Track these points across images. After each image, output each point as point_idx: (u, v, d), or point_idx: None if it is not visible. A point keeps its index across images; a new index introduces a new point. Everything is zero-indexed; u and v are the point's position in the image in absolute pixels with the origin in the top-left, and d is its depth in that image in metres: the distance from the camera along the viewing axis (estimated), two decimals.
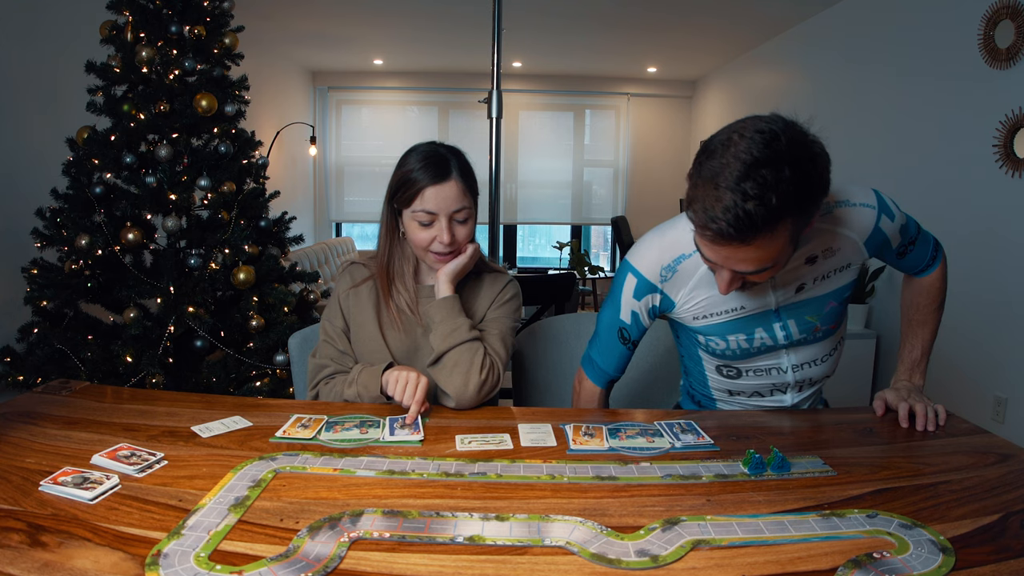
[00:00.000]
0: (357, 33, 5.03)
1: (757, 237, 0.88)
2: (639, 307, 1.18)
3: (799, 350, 1.19)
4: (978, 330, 2.84)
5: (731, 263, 0.95)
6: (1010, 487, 0.88)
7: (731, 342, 1.16)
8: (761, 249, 0.90)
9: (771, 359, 1.19)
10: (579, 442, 1.02)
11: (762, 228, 0.86)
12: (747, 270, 0.95)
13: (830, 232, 1.09)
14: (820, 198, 0.91)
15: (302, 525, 0.75)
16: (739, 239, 0.88)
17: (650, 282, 1.15)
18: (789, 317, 1.14)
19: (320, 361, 1.30)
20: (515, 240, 6.92)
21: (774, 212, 0.85)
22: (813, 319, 1.14)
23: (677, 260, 1.13)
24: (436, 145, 1.25)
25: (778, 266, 0.97)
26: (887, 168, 3.46)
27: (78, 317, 2.33)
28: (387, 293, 1.28)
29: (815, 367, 1.22)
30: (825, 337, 1.19)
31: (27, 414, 1.07)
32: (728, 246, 0.91)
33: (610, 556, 0.70)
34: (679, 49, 5.34)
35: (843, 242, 1.10)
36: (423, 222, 1.20)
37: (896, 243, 1.17)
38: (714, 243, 0.92)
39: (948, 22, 2.99)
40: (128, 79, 2.32)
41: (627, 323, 1.20)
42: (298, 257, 4.66)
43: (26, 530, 0.71)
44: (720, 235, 0.88)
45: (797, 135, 0.90)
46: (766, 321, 1.14)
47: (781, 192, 0.84)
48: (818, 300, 1.13)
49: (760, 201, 0.84)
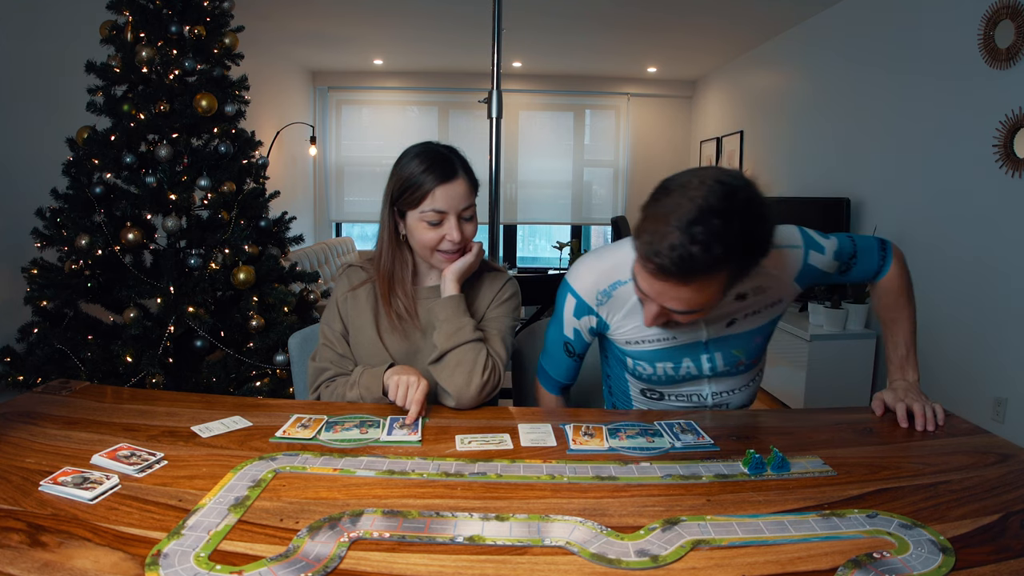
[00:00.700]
0: (357, 33, 5.03)
1: (695, 280, 0.91)
2: (579, 325, 1.24)
3: (721, 380, 1.25)
4: (978, 330, 2.84)
5: (663, 299, 0.98)
6: (1010, 487, 0.88)
7: (658, 368, 1.21)
8: (695, 292, 0.94)
9: (693, 387, 1.25)
10: (579, 442, 1.02)
11: (701, 272, 0.90)
12: (676, 309, 0.98)
13: (760, 273, 1.09)
14: (760, 258, 0.95)
15: (302, 525, 0.75)
16: (677, 278, 0.91)
17: (587, 304, 1.20)
18: (717, 350, 1.19)
19: (320, 364, 1.30)
20: (515, 240, 6.91)
21: (716, 260, 0.89)
22: (739, 353, 1.20)
23: (613, 286, 1.17)
24: (434, 145, 1.25)
25: (705, 312, 1.01)
26: (887, 168, 3.46)
27: (78, 317, 2.33)
28: (387, 300, 1.27)
29: (733, 395, 1.27)
30: (747, 369, 1.25)
31: (27, 414, 1.07)
32: (665, 282, 0.94)
33: (610, 556, 0.70)
34: (679, 49, 5.34)
35: (772, 281, 1.15)
36: (432, 222, 1.20)
37: (834, 269, 1.21)
38: (653, 276, 0.95)
39: (948, 22, 2.99)
40: (128, 79, 2.32)
41: (570, 338, 1.26)
42: (298, 257, 4.66)
43: (26, 530, 0.71)
44: (660, 270, 0.91)
45: (754, 195, 0.92)
46: (694, 352, 1.19)
47: (726, 244, 0.88)
48: (747, 335, 1.19)
49: (705, 247, 0.87)
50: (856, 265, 1.23)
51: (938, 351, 3.08)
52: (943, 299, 3.04)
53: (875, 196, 3.56)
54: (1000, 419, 2.70)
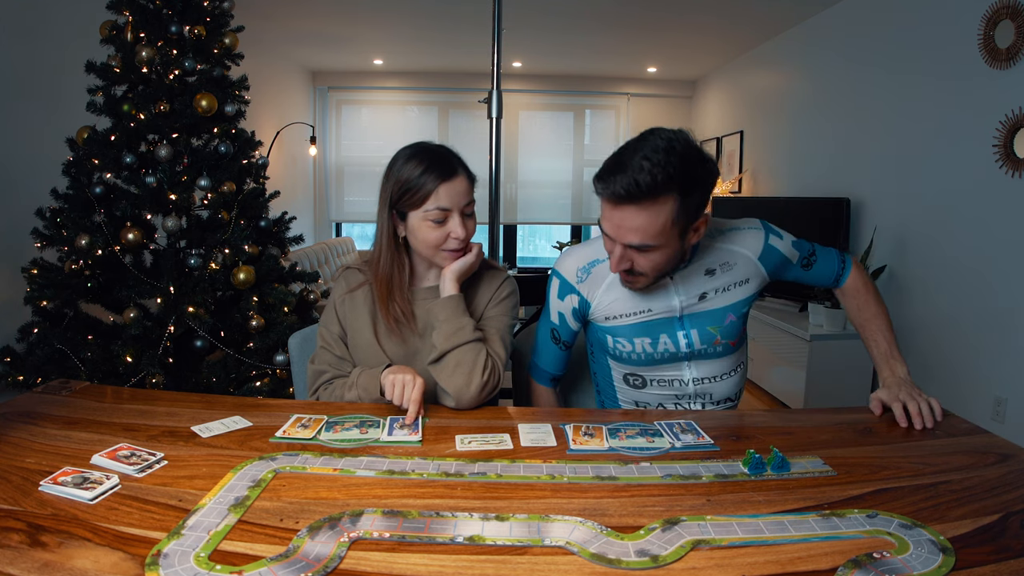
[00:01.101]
0: (357, 33, 5.03)
1: (644, 202, 1.05)
2: (563, 307, 1.33)
3: (700, 364, 1.30)
4: (978, 330, 2.84)
5: (622, 234, 1.10)
6: (1010, 487, 0.88)
7: (637, 345, 1.28)
8: (648, 218, 1.06)
9: (673, 370, 1.30)
10: (579, 442, 1.02)
11: (647, 194, 1.04)
12: (634, 242, 1.09)
13: (725, 250, 1.27)
14: (698, 193, 1.08)
15: (302, 525, 0.75)
16: (628, 201, 1.05)
17: (569, 283, 1.31)
18: (692, 326, 1.26)
19: (318, 367, 1.30)
20: (515, 240, 6.91)
21: (659, 185, 1.03)
22: (714, 330, 1.27)
23: (592, 263, 1.29)
24: (427, 145, 1.25)
25: (663, 250, 1.12)
26: (887, 168, 3.46)
27: (78, 317, 2.33)
28: (385, 304, 1.26)
29: (715, 383, 1.32)
30: (725, 353, 1.30)
31: (27, 414, 1.07)
32: (621, 210, 1.07)
33: (610, 556, 0.70)
34: (679, 49, 5.34)
35: (738, 258, 1.27)
36: (437, 220, 1.20)
37: (796, 259, 1.32)
38: (610, 207, 1.09)
39: (948, 22, 2.99)
40: (128, 79, 2.32)
41: (556, 324, 1.35)
42: (298, 257, 4.66)
43: (26, 530, 0.71)
44: (615, 197, 1.06)
45: (693, 146, 1.08)
46: (670, 328, 1.27)
47: (667, 173, 1.03)
48: (719, 312, 1.27)
49: (649, 173, 1.03)
50: (817, 263, 1.34)
51: (938, 351, 3.08)
52: (943, 299, 3.04)
53: (875, 196, 3.56)
54: (1000, 419, 2.70)
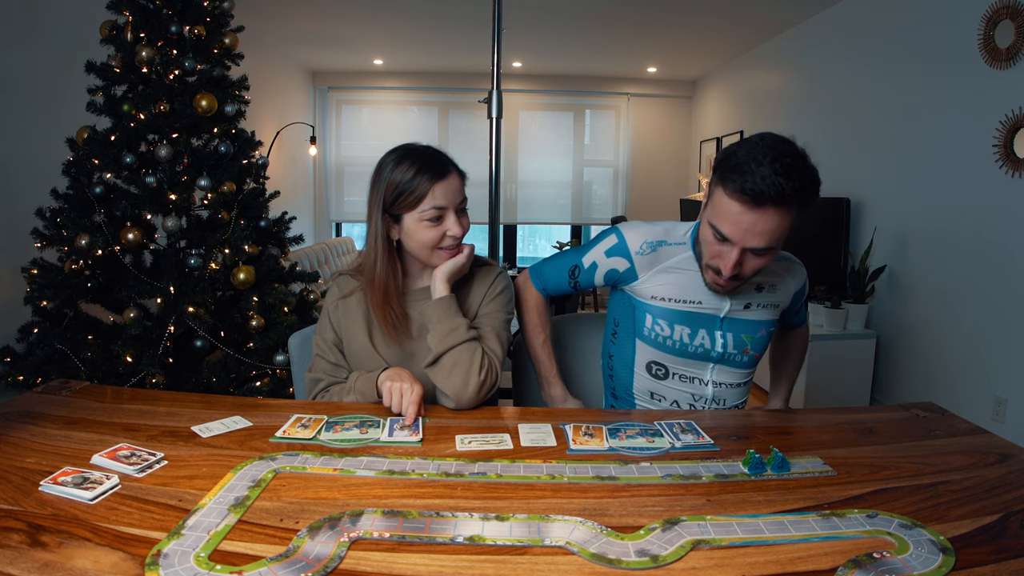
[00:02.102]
0: (357, 33, 5.03)
1: (782, 207, 1.05)
2: (603, 262, 1.34)
3: (723, 369, 1.32)
4: (978, 330, 2.84)
5: (748, 237, 1.09)
6: (1010, 487, 0.88)
7: (675, 331, 1.29)
8: (779, 221, 1.07)
9: (698, 369, 1.32)
10: (579, 442, 1.02)
11: (787, 199, 1.04)
12: (758, 245, 1.10)
13: (778, 273, 1.33)
14: (814, 200, 1.09)
15: (302, 525, 0.75)
16: (770, 203, 1.05)
17: (628, 249, 1.31)
18: (730, 330, 1.29)
19: (314, 376, 1.30)
20: (515, 240, 6.91)
21: (795, 190, 1.04)
22: (747, 339, 1.31)
23: (660, 242, 1.30)
24: (414, 146, 1.25)
25: (772, 255, 1.14)
26: (887, 168, 3.46)
27: (78, 317, 2.32)
28: (382, 310, 1.25)
29: (730, 389, 1.34)
30: (748, 365, 1.34)
31: (27, 414, 1.07)
32: (758, 213, 1.06)
33: (610, 556, 0.70)
34: (679, 49, 5.34)
35: (782, 284, 1.34)
36: (433, 219, 1.20)
37: (801, 303, 1.44)
38: (747, 208, 1.07)
39: (948, 22, 2.99)
40: (128, 79, 2.32)
41: (584, 267, 1.37)
42: (298, 257, 4.66)
43: (26, 530, 0.71)
44: (757, 197, 1.04)
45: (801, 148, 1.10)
46: (711, 326, 1.29)
47: (801, 177, 1.05)
48: (755, 323, 1.31)
49: (787, 177, 1.03)
50: (802, 310, 1.48)
51: (938, 351, 3.08)
52: (943, 299, 3.04)
53: (875, 196, 3.56)
54: (1000, 419, 2.70)
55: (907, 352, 3.30)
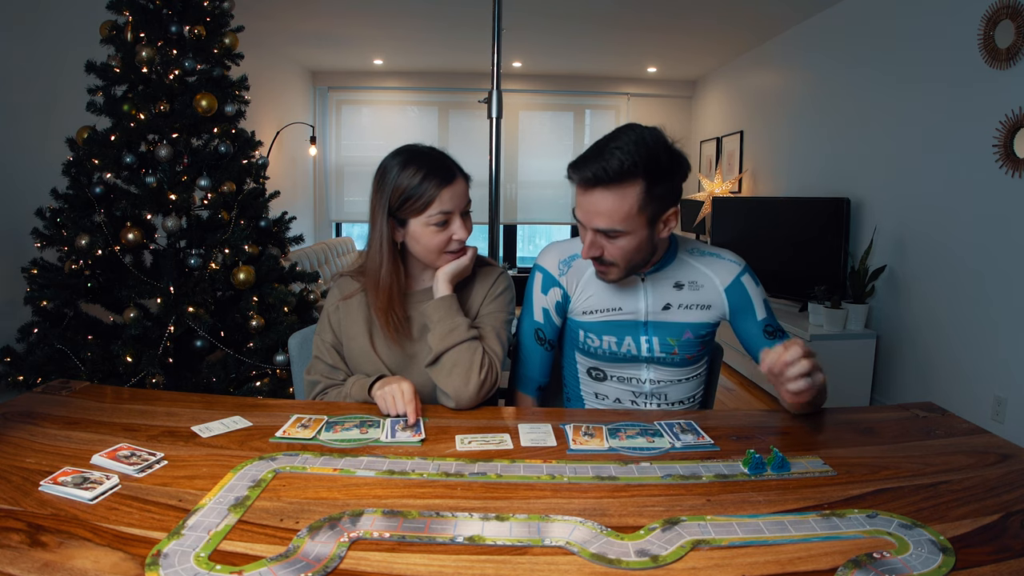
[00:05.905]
0: (357, 33, 5.03)
1: (610, 185, 1.12)
2: (547, 302, 1.36)
3: (658, 368, 1.35)
4: (978, 330, 2.84)
5: (591, 218, 1.16)
6: (1010, 487, 0.88)
7: (604, 341, 1.34)
8: (613, 201, 1.13)
9: (632, 370, 1.35)
10: (579, 442, 1.02)
11: (614, 179, 1.11)
12: (602, 226, 1.15)
13: (698, 270, 1.33)
14: (665, 184, 1.14)
15: (302, 525, 0.75)
16: (595, 183, 1.12)
17: (552, 275, 1.36)
18: (654, 333, 1.32)
19: (312, 378, 1.31)
20: (515, 240, 6.91)
21: (626, 170, 1.10)
22: (672, 342, 1.32)
23: (573, 256, 1.36)
24: (418, 148, 1.25)
25: (630, 237, 1.17)
26: (887, 168, 3.46)
27: (78, 317, 2.33)
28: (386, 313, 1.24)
29: (672, 385, 1.37)
30: (686, 364, 1.36)
31: (27, 414, 1.07)
32: (589, 193, 1.15)
33: (610, 556, 0.70)
34: (679, 49, 5.34)
35: (707, 282, 1.32)
36: (440, 224, 1.20)
37: (760, 315, 1.32)
38: (581, 190, 1.16)
39: (948, 22, 2.99)
40: (128, 79, 2.32)
41: (541, 323, 1.37)
42: (298, 257, 4.65)
43: (26, 530, 0.71)
44: (584, 181, 1.14)
45: (662, 139, 1.16)
46: (635, 331, 1.32)
47: (633, 159, 1.10)
48: (678, 326, 1.32)
49: (617, 159, 1.10)
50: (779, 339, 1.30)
51: (938, 351, 3.08)
52: (943, 298, 3.04)
53: (875, 196, 3.55)
54: (1000, 419, 2.70)
55: (907, 352, 3.30)
